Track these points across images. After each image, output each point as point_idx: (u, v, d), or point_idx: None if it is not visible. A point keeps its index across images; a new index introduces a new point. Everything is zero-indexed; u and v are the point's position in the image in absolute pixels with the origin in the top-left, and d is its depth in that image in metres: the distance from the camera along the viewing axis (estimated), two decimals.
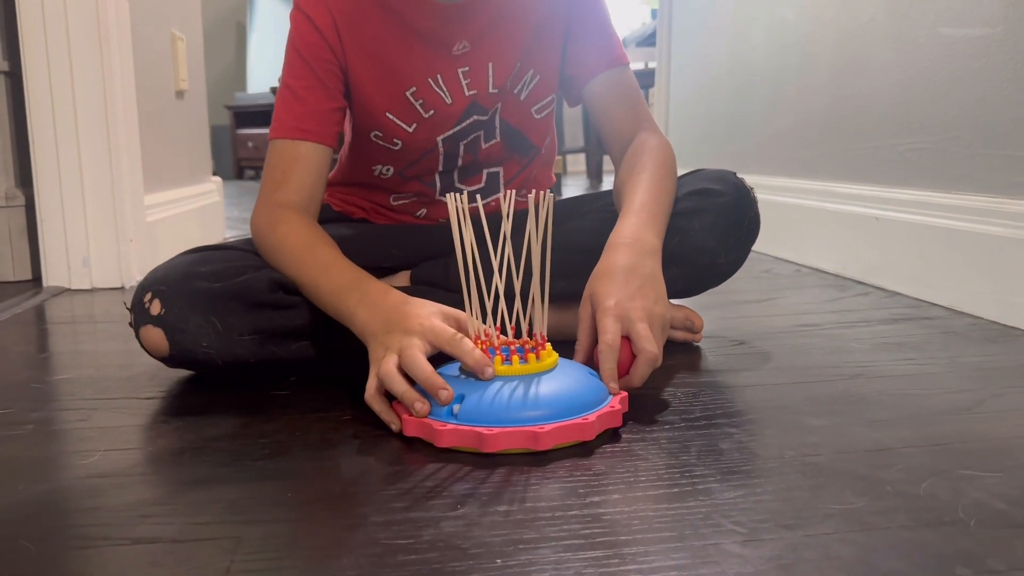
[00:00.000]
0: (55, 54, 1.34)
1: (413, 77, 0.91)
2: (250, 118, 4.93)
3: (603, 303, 0.74)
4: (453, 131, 0.95)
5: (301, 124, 0.88)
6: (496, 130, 0.98)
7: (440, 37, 0.90)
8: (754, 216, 0.93)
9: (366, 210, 1.06)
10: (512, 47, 0.93)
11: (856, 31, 1.37)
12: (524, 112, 0.98)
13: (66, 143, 1.36)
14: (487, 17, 0.91)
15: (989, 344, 0.94)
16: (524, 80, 0.95)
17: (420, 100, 0.92)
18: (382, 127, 0.94)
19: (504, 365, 0.66)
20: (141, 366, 0.89)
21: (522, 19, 0.92)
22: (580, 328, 0.77)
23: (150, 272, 0.83)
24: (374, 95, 0.92)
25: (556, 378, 0.67)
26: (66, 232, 1.38)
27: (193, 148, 1.90)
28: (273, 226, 0.85)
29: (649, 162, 0.91)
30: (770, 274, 1.44)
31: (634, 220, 0.83)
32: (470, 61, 0.92)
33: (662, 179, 0.89)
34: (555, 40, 0.95)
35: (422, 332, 0.68)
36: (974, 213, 1.08)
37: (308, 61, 0.89)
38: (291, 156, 0.88)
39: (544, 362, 0.68)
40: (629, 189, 0.88)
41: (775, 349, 0.94)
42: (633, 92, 0.98)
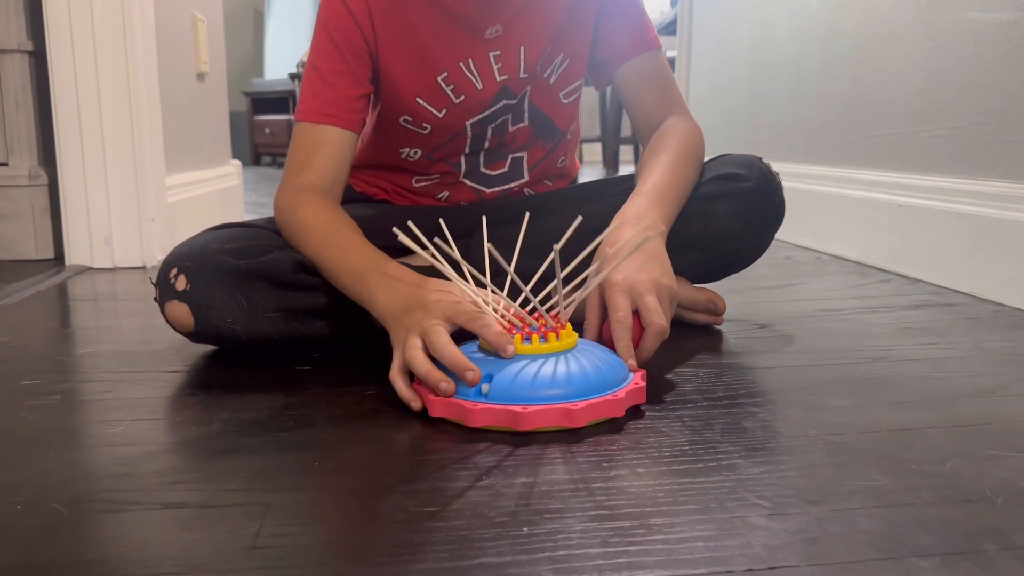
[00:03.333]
0: (79, 34, 1.35)
1: (445, 62, 0.91)
2: (267, 104, 4.94)
3: (610, 279, 0.74)
4: (482, 116, 0.95)
5: (327, 109, 0.88)
6: (524, 113, 0.97)
7: (474, 21, 0.90)
8: (779, 202, 0.93)
9: (387, 192, 1.07)
10: (544, 30, 0.92)
11: (880, 16, 1.35)
12: (553, 96, 0.98)
13: (89, 123, 1.37)
14: (521, 0, 0.90)
15: (1014, 330, 0.94)
16: (554, 64, 0.95)
17: (451, 86, 0.92)
18: (412, 112, 0.93)
19: (525, 344, 0.66)
20: (165, 341, 0.90)
21: (554, 2, 0.92)
22: (588, 306, 0.77)
23: (175, 248, 0.84)
24: (405, 80, 0.91)
25: (580, 356, 0.67)
26: (88, 211, 1.39)
27: (213, 130, 1.91)
28: (295, 208, 0.85)
29: (672, 145, 0.91)
30: (791, 261, 1.43)
31: (643, 201, 0.83)
32: (502, 45, 0.91)
33: (681, 162, 0.89)
34: (587, 23, 0.95)
35: (442, 311, 0.68)
36: (999, 199, 1.07)
37: (338, 45, 0.88)
38: (316, 139, 0.88)
39: (565, 341, 0.68)
40: (647, 170, 0.88)
41: (797, 332, 0.94)
42: (665, 77, 0.97)
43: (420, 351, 0.66)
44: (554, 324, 0.68)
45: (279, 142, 4.89)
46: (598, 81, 1.02)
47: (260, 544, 0.46)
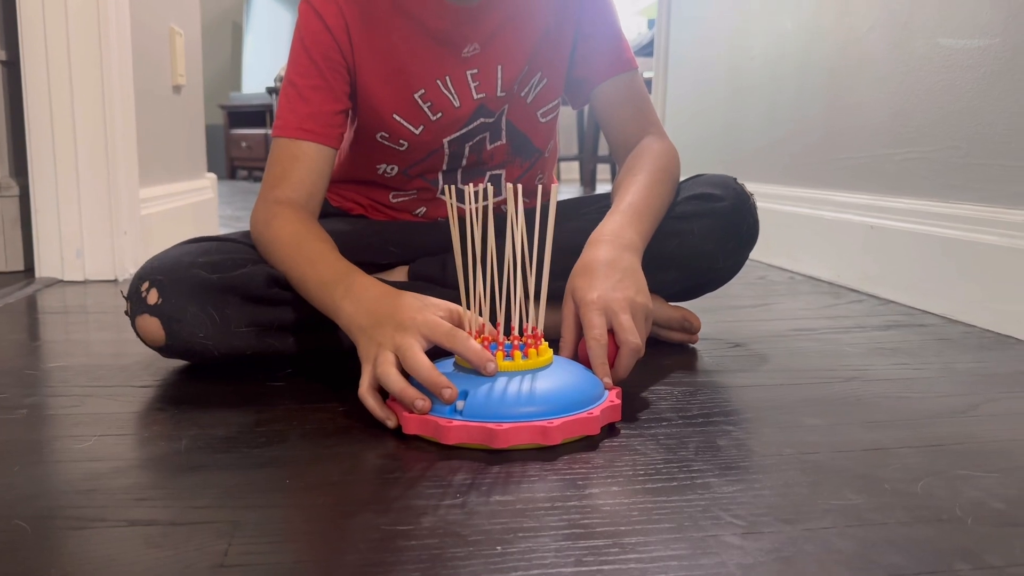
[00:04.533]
0: (54, 44, 1.34)
1: (422, 79, 0.91)
2: (244, 118, 4.92)
3: (585, 297, 0.74)
4: (460, 133, 0.95)
5: (304, 124, 0.88)
6: (502, 131, 0.97)
7: (451, 38, 0.90)
8: (753, 222, 0.94)
9: (364, 207, 1.06)
10: (521, 49, 0.92)
11: (854, 41, 1.38)
12: (530, 115, 0.98)
13: (63, 134, 1.36)
14: (498, 19, 0.91)
15: (983, 351, 0.95)
16: (532, 83, 0.95)
17: (428, 103, 0.92)
18: (388, 128, 0.93)
19: (506, 361, 0.66)
20: (135, 355, 0.89)
21: (532, 21, 0.92)
22: (564, 324, 0.77)
23: (147, 261, 0.83)
24: (382, 96, 0.91)
25: (555, 373, 0.67)
26: (60, 223, 1.37)
27: (189, 143, 1.90)
28: (268, 222, 0.85)
29: (648, 164, 0.91)
30: (765, 281, 1.44)
31: (618, 219, 0.84)
32: (479, 63, 0.91)
33: (657, 181, 0.89)
34: (564, 43, 0.96)
35: (416, 326, 0.66)
36: (969, 222, 1.09)
37: (316, 60, 0.88)
38: (293, 154, 0.88)
39: (542, 357, 0.68)
40: (622, 189, 0.89)
41: (771, 352, 0.94)
42: (641, 97, 0.98)
43: (393, 367, 0.65)
44: (529, 340, 0.68)
45: (255, 156, 4.87)
46: (575, 100, 1.02)
47: (229, 563, 0.45)
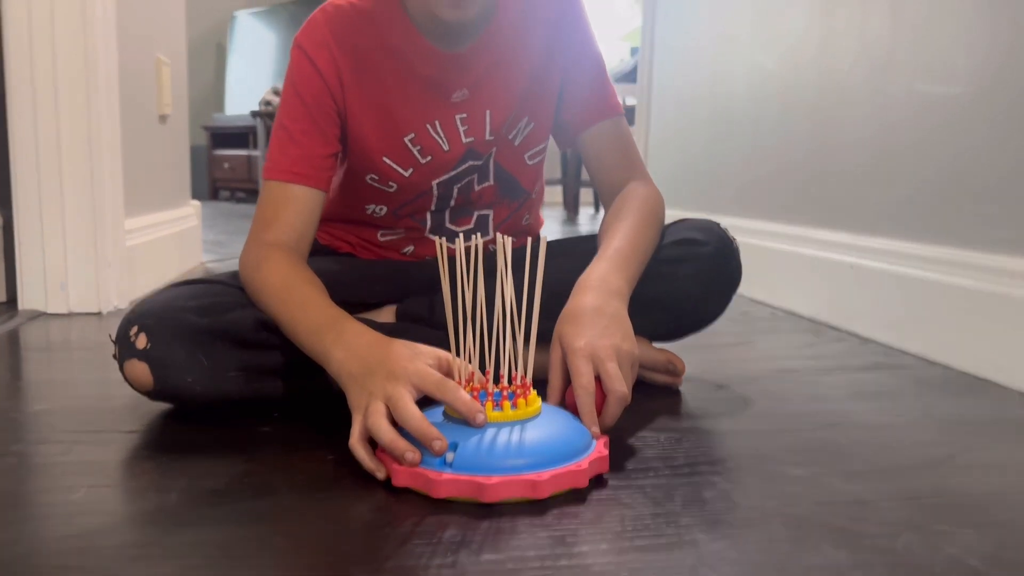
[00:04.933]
0: (40, 77, 1.34)
1: (412, 123, 0.92)
2: (226, 139, 4.91)
3: (573, 344, 0.75)
4: (449, 176, 0.96)
5: (295, 167, 0.89)
6: (490, 173, 0.99)
7: (441, 84, 0.91)
8: (736, 267, 0.95)
9: (352, 245, 1.07)
10: (509, 94, 0.94)
11: (834, 83, 1.41)
12: (518, 157, 0.99)
13: (48, 165, 1.35)
14: (486, 65, 0.92)
15: (960, 396, 0.97)
16: (519, 126, 0.97)
17: (418, 147, 0.93)
18: (378, 171, 0.94)
19: (496, 411, 0.67)
20: (120, 397, 0.88)
21: (519, 67, 0.94)
22: (551, 370, 0.77)
23: (136, 304, 0.83)
24: (372, 140, 0.92)
25: (544, 424, 0.68)
26: (44, 255, 1.36)
27: (174, 172, 1.90)
28: (258, 265, 0.85)
29: (633, 209, 0.93)
30: (747, 317, 1.46)
31: (605, 264, 0.85)
32: (468, 108, 0.93)
33: (642, 227, 0.91)
34: (551, 88, 0.97)
35: (407, 376, 0.67)
36: (946, 265, 1.12)
37: (307, 105, 0.89)
38: (283, 197, 0.88)
39: (532, 407, 0.68)
40: (608, 235, 0.90)
41: (754, 394, 0.96)
42: (627, 142, 1.00)
43: (384, 419, 0.66)
44: (518, 390, 0.69)
45: (238, 177, 4.86)
46: (562, 143, 1.04)
47: None
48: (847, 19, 1.38)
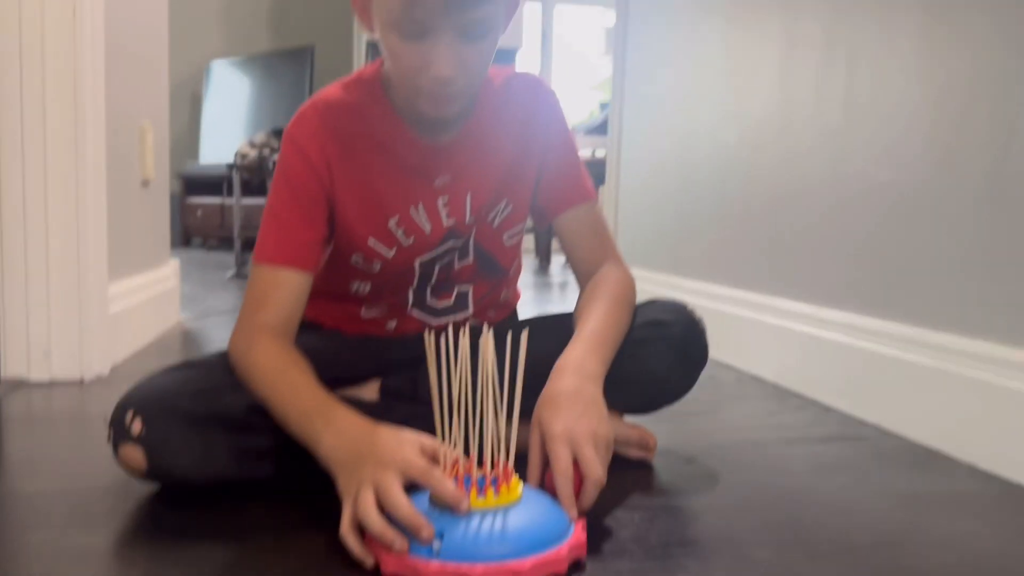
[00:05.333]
0: (30, 149, 1.37)
1: (396, 207, 0.96)
2: (200, 187, 4.92)
3: (551, 429, 0.78)
4: (430, 256, 1.01)
5: (283, 252, 0.92)
6: (470, 252, 1.04)
7: (424, 171, 0.96)
8: (703, 347, 1.01)
9: (337, 320, 1.10)
10: (489, 180, 0.99)
11: (793, 160, 1.49)
12: (496, 238, 1.04)
13: (35, 236, 1.38)
14: (468, 153, 0.98)
15: (915, 469, 1.03)
16: (498, 209, 1.02)
17: (401, 228, 0.97)
18: (363, 252, 0.98)
19: (480, 499, 0.70)
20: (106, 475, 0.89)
21: (499, 155, 1.00)
22: (531, 452, 0.81)
23: (132, 389, 0.85)
24: (358, 223, 0.96)
25: (526, 509, 0.71)
26: (28, 324, 1.38)
27: (155, 235, 1.93)
28: (247, 350, 0.88)
29: (606, 293, 0.98)
30: (714, 381, 1.52)
31: (581, 348, 0.89)
32: (450, 191, 0.98)
33: (615, 309, 0.96)
34: (529, 174, 1.03)
35: (394, 464, 0.70)
36: (899, 340, 1.18)
37: (297, 193, 0.93)
38: (272, 281, 0.92)
39: (513, 493, 0.72)
40: (584, 317, 0.95)
41: (722, 468, 1.01)
42: (600, 227, 1.06)
43: (374, 507, 0.69)
44: (500, 475, 0.72)
45: (211, 224, 4.86)
46: (539, 224, 1.10)
47: None
48: (803, 105, 1.46)
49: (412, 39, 0.81)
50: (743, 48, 1.71)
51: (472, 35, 0.82)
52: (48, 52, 1.36)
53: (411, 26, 0.80)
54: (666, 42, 2.12)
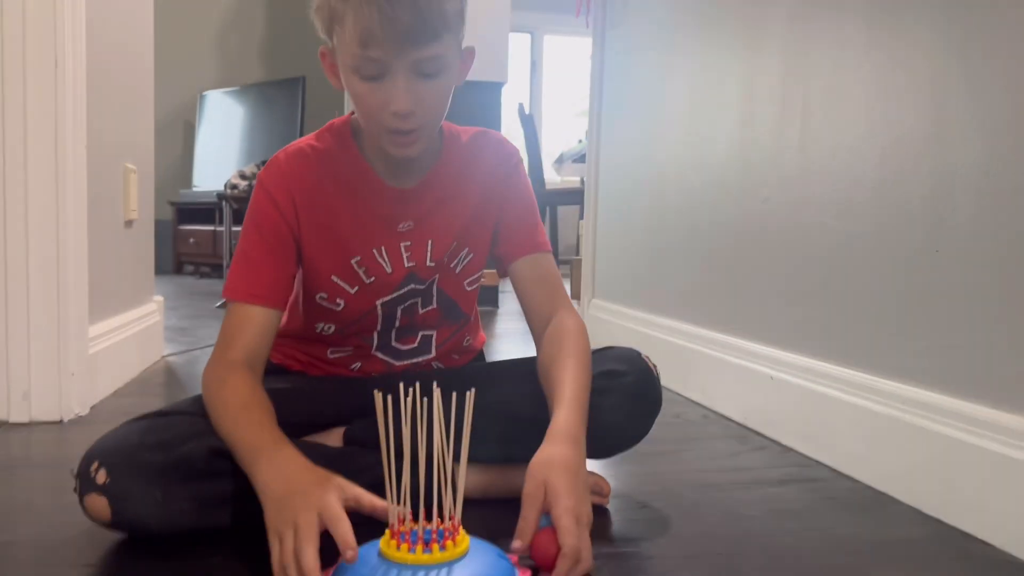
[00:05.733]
0: (11, 191, 1.40)
1: (359, 248, 1.02)
2: (193, 215, 4.98)
3: (563, 501, 0.80)
4: (392, 296, 1.06)
5: (252, 290, 0.98)
6: (433, 297, 1.09)
7: (388, 216, 1.02)
8: (656, 395, 1.05)
9: (302, 363, 1.14)
10: (450, 228, 1.05)
11: (753, 205, 1.53)
12: (459, 284, 1.10)
13: (15, 278, 1.41)
14: (431, 201, 1.04)
15: (864, 513, 1.06)
16: (460, 257, 1.07)
17: (363, 268, 1.03)
18: (327, 289, 1.04)
19: (425, 554, 0.72)
20: (78, 524, 0.91)
21: (460, 204, 1.05)
22: (529, 504, 0.81)
23: (98, 440, 0.89)
24: (322, 261, 1.02)
25: (470, 565, 0.73)
26: (8, 366, 1.41)
27: (138, 275, 1.96)
28: (220, 385, 0.93)
29: (573, 351, 0.99)
30: (680, 420, 1.55)
31: (568, 413, 0.91)
32: (412, 237, 1.04)
33: (584, 366, 0.98)
34: (488, 224, 1.08)
35: (317, 507, 0.74)
36: (851, 385, 1.22)
37: (264, 235, 1.00)
38: (241, 318, 0.98)
39: (460, 547, 0.74)
40: (558, 375, 0.96)
41: (675, 514, 1.04)
42: (553, 276, 1.10)
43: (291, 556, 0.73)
44: (448, 530, 0.74)
45: (203, 251, 4.91)
46: (499, 272, 1.15)
47: None
48: (762, 152, 1.51)
49: (371, 80, 0.89)
50: (706, 91, 1.76)
51: (425, 72, 0.89)
52: (30, 94, 1.41)
53: (369, 66, 0.88)
54: (637, 80, 2.17)
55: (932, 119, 1.09)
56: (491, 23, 3.46)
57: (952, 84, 1.06)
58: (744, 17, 1.61)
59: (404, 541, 0.73)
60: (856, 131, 1.25)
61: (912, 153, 1.13)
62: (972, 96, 1.03)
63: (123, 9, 1.82)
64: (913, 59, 1.13)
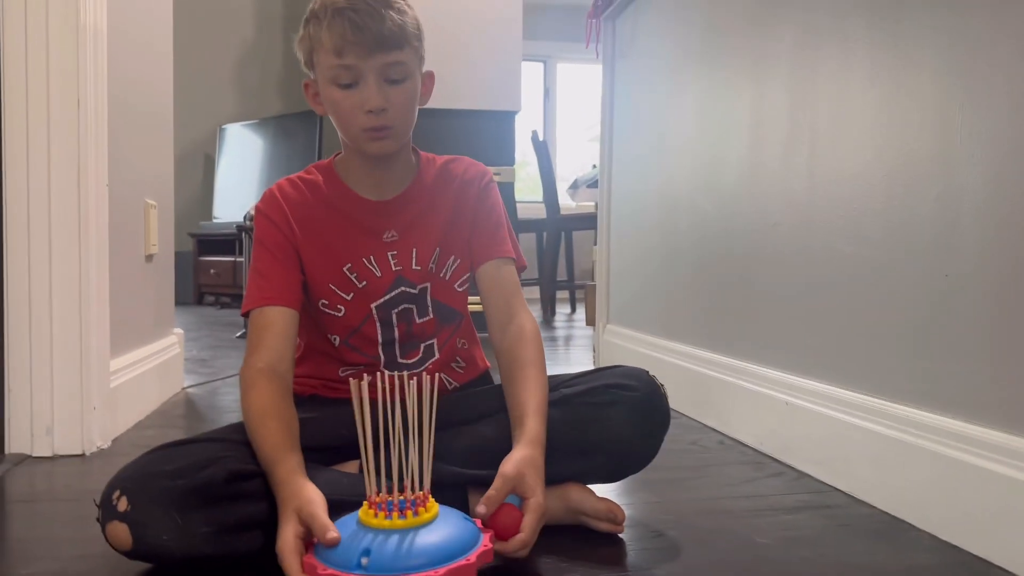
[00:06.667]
0: (36, 231, 1.44)
1: (349, 256, 1.13)
2: (213, 246, 5.04)
3: (538, 497, 0.93)
4: (384, 299, 1.15)
5: (266, 294, 1.08)
6: (428, 308, 1.18)
7: (373, 227, 1.14)
8: (664, 410, 1.08)
9: (315, 387, 1.19)
10: (430, 236, 1.16)
11: (765, 231, 1.54)
12: (450, 288, 1.19)
13: (39, 315, 1.45)
14: (411, 213, 1.15)
15: (876, 540, 1.06)
16: (447, 264, 1.18)
17: (355, 273, 1.13)
18: (327, 296, 1.14)
19: (401, 519, 0.82)
20: (99, 556, 0.94)
21: (438, 215, 1.17)
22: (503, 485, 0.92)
23: (120, 470, 0.92)
24: (319, 269, 1.13)
25: (439, 527, 0.83)
26: (32, 402, 1.44)
27: (158, 307, 2.00)
28: (247, 391, 1.02)
29: (532, 358, 1.09)
30: (696, 446, 1.55)
31: (535, 423, 1.02)
32: (397, 246, 1.14)
33: (543, 371, 1.09)
34: (463, 232, 1.19)
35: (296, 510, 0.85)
36: (868, 411, 1.22)
37: (269, 248, 1.11)
38: (262, 323, 1.07)
39: (429, 513, 0.83)
40: (523, 385, 1.06)
41: (688, 542, 1.04)
42: (511, 280, 1.18)
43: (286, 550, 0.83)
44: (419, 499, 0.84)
45: (223, 282, 4.97)
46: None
47: None
48: (771, 177, 1.52)
49: (347, 87, 1.04)
50: (715, 118, 1.77)
51: (392, 78, 1.04)
52: (54, 134, 1.45)
53: (344, 74, 1.03)
54: (647, 108, 2.19)
55: (938, 143, 1.10)
56: (504, 54, 3.51)
57: (957, 108, 1.07)
58: (750, 45, 1.62)
59: (381, 510, 0.83)
60: (863, 156, 1.26)
61: (919, 177, 1.13)
62: (978, 119, 1.03)
63: (143, 46, 1.87)
64: (918, 84, 1.14)
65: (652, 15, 2.16)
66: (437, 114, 3.16)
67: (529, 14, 3.75)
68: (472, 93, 3.43)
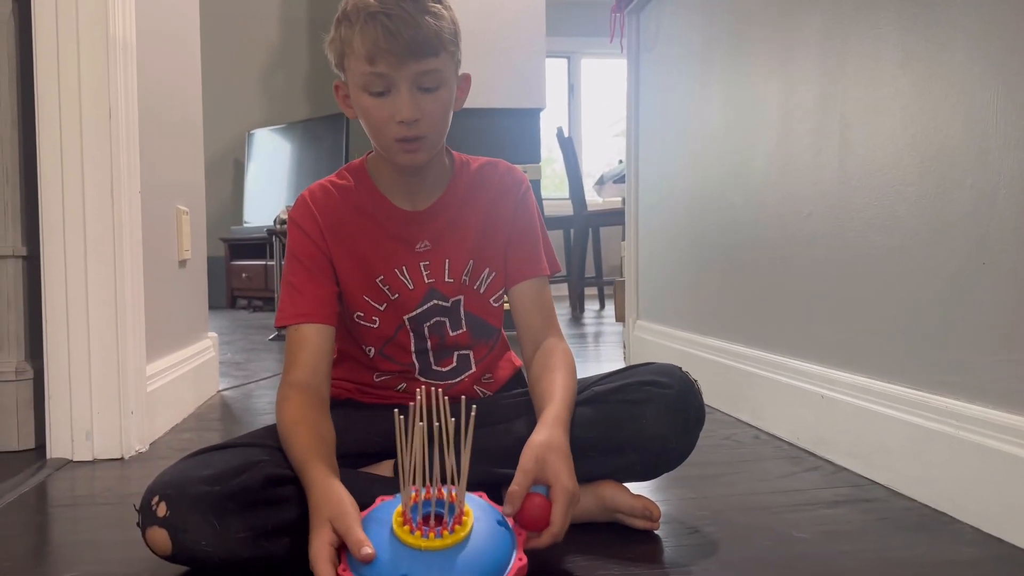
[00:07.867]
0: (72, 240, 1.47)
1: (382, 268, 1.12)
2: (244, 250, 5.10)
3: (563, 481, 0.90)
4: (416, 312, 1.14)
5: (300, 310, 1.08)
6: (462, 321, 1.16)
7: (405, 237, 1.12)
8: (699, 406, 1.07)
9: (350, 391, 1.20)
10: (463, 247, 1.14)
11: (796, 223, 1.52)
12: (484, 302, 1.17)
13: (76, 322, 1.47)
14: (443, 222, 1.13)
15: (919, 533, 1.04)
16: (482, 277, 1.15)
17: (387, 285, 1.12)
18: (361, 308, 1.13)
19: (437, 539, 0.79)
20: (140, 560, 0.96)
21: (471, 225, 1.14)
22: (524, 477, 0.90)
23: (159, 475, 0.93)
24: (353, 281, 1.12)
25: (475, 545, 0.80)
26: (72, 407, 1.47)
27: (192, 311, 2.02)
28: (281, 404, 1.02)
29: (561, 364, 1.09)
30: (731, 441, 1.54)
31: (559, 406, 1.01)
32: (430, 257, 1.13)
33: (572, 375, 1.08)
34: (499, 243, 1.16)
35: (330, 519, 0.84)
36: (905, 403, 1.20)
37: (302, 261, 1.10)
38: (298, 340, 1.07)
39: (464, 529, 0.80)
40: (549, 382, 1.06)
41: (725, 538, 1.03)
42: (547, 302, 1.17)
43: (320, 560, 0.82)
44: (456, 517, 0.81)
45: (255, 286, 5.02)
46: None
47: None
48: (801, 169, 1.50)
49: (379, 95, 1.00)
50: (743, 110, 1.75)
51: (425, 86, 1.00)
52: (87, 144, 1.47)
53: (376, 81, 0.99)
54: (673, 101, 2.17)
55: (972, 131, 1.08)
56: (528, 51, 3.50)
57: (991, 95, 1.04)
58: (777, 34, 1.60)
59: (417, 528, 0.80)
60: (896, 145, 1.23)
61: (953, 164, 1.11)
62: (1013, 103, 1.01)
63: (171, 55, 1.89)
64: (951, 71, 1.12)
65: (676, 7, 2.14)
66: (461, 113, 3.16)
67: (552, 10, 3.74)
68: (497, 91, 3.43)
